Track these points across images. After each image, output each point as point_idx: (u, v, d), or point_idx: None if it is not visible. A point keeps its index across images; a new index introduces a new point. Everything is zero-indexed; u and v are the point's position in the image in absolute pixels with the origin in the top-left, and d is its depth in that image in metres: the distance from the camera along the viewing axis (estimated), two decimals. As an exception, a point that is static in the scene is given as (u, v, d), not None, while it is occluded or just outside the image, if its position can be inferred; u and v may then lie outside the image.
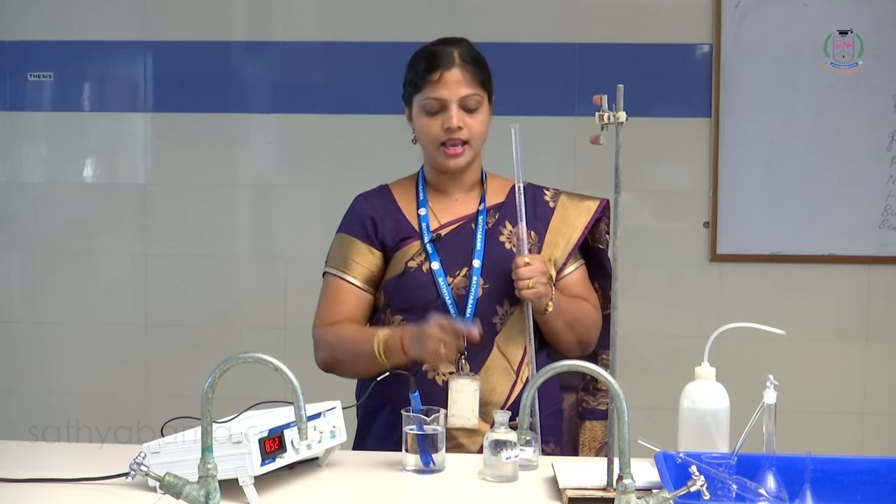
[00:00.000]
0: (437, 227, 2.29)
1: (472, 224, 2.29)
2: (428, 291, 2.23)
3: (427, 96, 2.24)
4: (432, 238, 2.26)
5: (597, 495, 1.78)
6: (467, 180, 2.33)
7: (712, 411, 1.89)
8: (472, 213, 2.31)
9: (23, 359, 3.96)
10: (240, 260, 3.90)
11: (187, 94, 3.86)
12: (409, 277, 2.24)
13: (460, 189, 2.33)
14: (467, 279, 2.23)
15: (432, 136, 2.25)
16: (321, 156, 3.86)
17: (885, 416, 3.72)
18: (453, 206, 2.32)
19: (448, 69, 2.23)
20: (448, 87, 2.22)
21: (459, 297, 2.22)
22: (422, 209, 2.32)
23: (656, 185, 3.76)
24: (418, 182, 2.37)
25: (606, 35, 3.72)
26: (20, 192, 3.96)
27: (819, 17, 3.64)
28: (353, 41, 3.80)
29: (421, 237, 2.27)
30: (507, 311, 2.24)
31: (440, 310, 2.19)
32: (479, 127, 2.25)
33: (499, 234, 2.29)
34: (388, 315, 2.26)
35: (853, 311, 3.72)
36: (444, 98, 2.23)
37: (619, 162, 1.84)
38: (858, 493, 1.76)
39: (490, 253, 2.26)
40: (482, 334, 2.12)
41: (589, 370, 1.56)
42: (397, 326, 2.22)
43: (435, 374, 2.20)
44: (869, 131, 3.65)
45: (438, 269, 2.23)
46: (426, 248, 2.26)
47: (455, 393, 2.17)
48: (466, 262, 2.25)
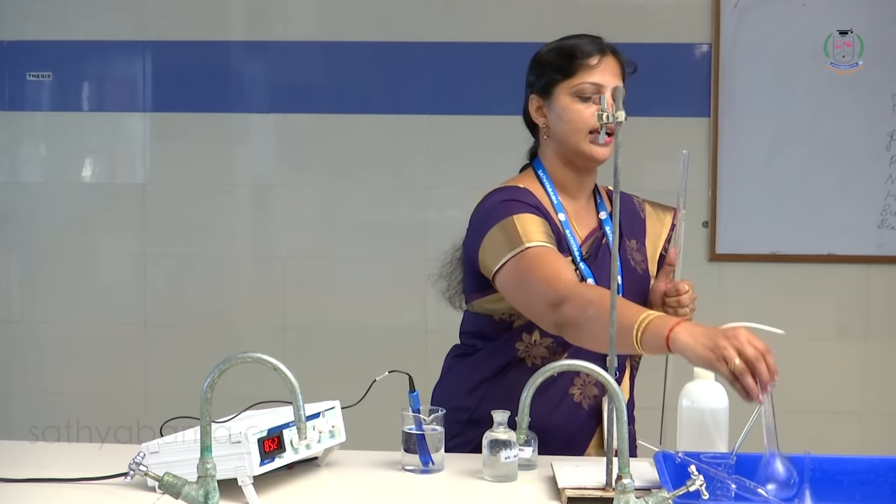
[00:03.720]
0: (582, 242, 2.15)
1: (603, 238, 2.16)
2: None
3: (583, 80, 2.10)
4: (584, 256, 2.12)
5: (596, 495, 1.78)
6: (591, 184, 2.19)
7: (711, 411, 1.89)
8: (596, 223, 2.20)
9: (22, 359, 3.96)
10: (239, 260, 3.90)
11: (186, 93, 3.86)
12: None
13: (584, 193, 2.19)
14: None
15: (584, 122, 2.09)
16: (320, 156, 3.86)
17: (884, 416, 3.72)
18: (582, 214, 2.18)
19: (605, 56, 2.13)
20: (604, 74, 2.10)
21: None
22: (560, 214, 2.15)
23: (655, 184, 3.72)
24: (544, 182, 2.18)
25: (605, 35, 3.64)
26: (19, 191, 3.96)
27: (819, 16, 3.64)
28: (352, 41, 3.80)
29: (570, 250, 2.11)
30: None
31: None
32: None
33: (624, 250, 2.18)
34: (536, 337, 2.12)
35: (852, 311, 3.72)
36: (602, 83, 2.10)
37: (618, 161, 1.84)
38: (857, 493, 1.76)
39: (624, 272, 2.16)
40: None
41: (589, 370, 1.56)
42: (545, 348, 2.10)
43: (582, 397, 2.11)
44: (868, 131, 3.65)
45: None
46: (579, 267, 2.11)
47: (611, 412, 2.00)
48: None
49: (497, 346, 2.18)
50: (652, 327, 1.77)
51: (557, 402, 2.12)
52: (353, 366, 2.74)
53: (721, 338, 1.69)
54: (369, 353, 3.65)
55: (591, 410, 2.12)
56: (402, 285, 3.77)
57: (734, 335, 1.69)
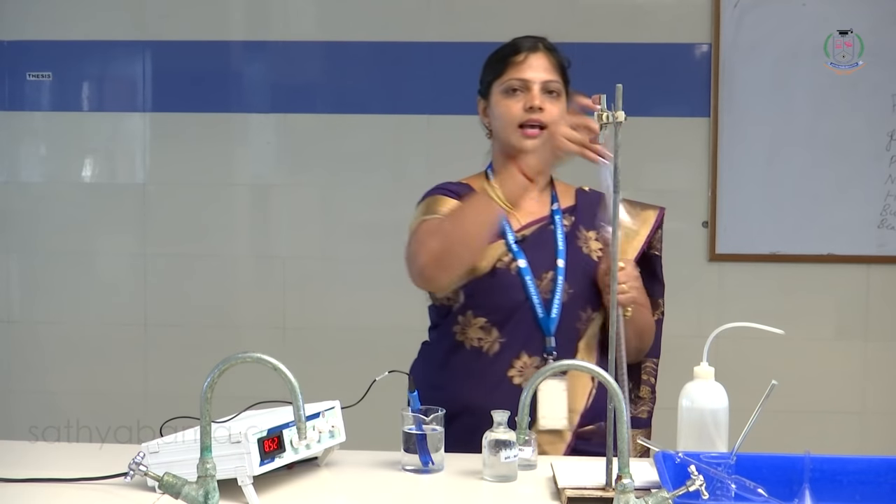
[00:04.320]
0: (520, 227, 2.23)
1: (550, 225, 2.25)
2: (516, 293, 2.18)
3: (510, 77, 2.22)
4: (518, 238, 2.21)
5: (596, 495, 1.78)
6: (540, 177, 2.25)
7: (711, 411, 1.89)
8: (547, 213, 2.27)
9: (22, 359, 3.96)
10: (239, 260, 3.90)
11: (186, 93, 3.86)
12: (497, 278, 2.18)
13: (534, 187, 2.24)
14: (552, 282, 2.19)
15: (511, 116, 2.20)
16: (320, 156, 3.86)
17: (883, 416, 3.72)
18: (529, 204, 2.24)
19: (533, 52, 2.23)
20: (532, 69, 2.21)
21: (545, 300, 2.18)
22: None
23: (655, 184, 3.75)
24: (490, 178, 2.27)
25: (605, 35, 3.72)
26: (19, 191, 3.96)
27: (819, 17, 3.64)
28: (352, 41, 3.80)
29: (504, 236, 2.20)
30: (589, 315, 2.22)
31: (528, 312, 2.17)
32: (559, 114, 2.18)
33: (576, 238, 2.26)
34: (469, 317, 2.21)
35: (852, 311, 3.72)
36: (527, 79, 2.21)
37: (617, 161, 1.84)
38: (857, 493, 1.76)
39: (571, 256, 2.22)
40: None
41: (588, 370, 1.56)
42: (479, 328, 2.19)
43: (523, 379, 2.16)
44: (868, 131, 3.65)
45: (525, 268, 2.19)
46: (511, 248, 2.20)
47: (544, 394, 2.14)
48: (551, 263, 2.20)
49: (440, 332, 2.28)
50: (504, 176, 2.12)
51: (496, 384, 2.16)
52: (353, 366, 2.74)
53: (550, 139, 2.05)
54: (369, 353, 3.64)
55: None
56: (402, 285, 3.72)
57: (553, 130, 2.05)
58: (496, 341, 2.19)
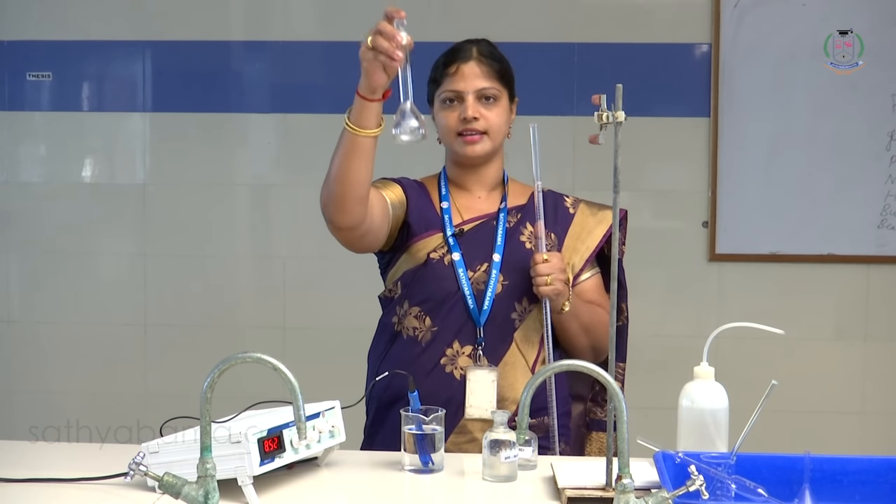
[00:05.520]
0: (460, 223, 2.31)
1: (494, 222, 2.32)
2: (448, 283, 2.25)
3: (445, 89, 2.29)
4: (455, 232, 2.29)
5: (596, 495, 1.78)
6: (489, 178, 2.35)
7: (711, 411, 1.89)
8: (493, 211, 2.33)
9: (22, 359, 3.96)
10: (239, 260, 3.91)
11: (186, 93, 3.86)
12: (430, 268, 2.27)
13: (482, 187, 2.35)
14: (486, 274, 2.25)
15: (450, 127, 2.28)
16: (320, 156, 3.81)
17: (883, 416, 3.72)
18: (476, 203, 2.34)
19: (465, 62, 2.28)
20: (465, 80, 2.27)
21: (478, 291, 2.25)
22: (444, 202, 2.34)
23: (655, 184, 3.76)
24: (440, 178, 2.39)
25: (605, 35, 3.73)
26: (19, 191, 3.96)
27: (818, 16, 3.64)
28: (352, 41, 3.77)
29: (443, 230, 2.29)
30: (525, 308, 2.26)
31: (459, 302, 2.23)
32: (497, 119, 2.27)
33: (519, 233, 2.31)
34: (406, 307, 2.28)
35: (852, 311, 3.72)
36: (460, 90, 2.27)
37: (617, 161, 1.84)
38: (857, 493, 1.76)
39: (510, 250, 2.28)
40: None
41: (588, 370, 1.56)
42: (414, 318, 2.26)
43: (454, 367, 2.22)
44: (868, 131, 3.65)
45: (459, 260, 2.26)
46: (448, 241, 2.28)
47: (473, 384, 2.20)
48: (487, 257, 2.27)
49: (383, 323, 2.36)
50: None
51: (428, 372, 2.22)
52: (353, 366, 2.74)
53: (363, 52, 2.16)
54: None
55: (463, 380, 2.22)
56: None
57: None
58: (429, 330, 2.25)
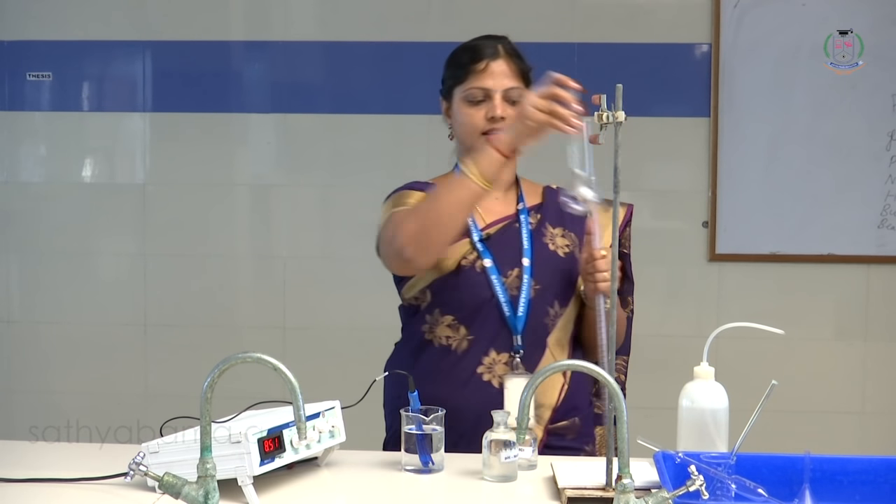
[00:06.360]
0: (485, 226, 2.25)
1: (516, 224, 2.26)
2: (482, 290, 2.19)
3: (471, 86, 2.21)
4: (483, 237, 2.23)
5: (596, 495, 1.78)
6: (505, 178, 2.28)
7: (711, 411, 1.89)
8: (513, 213, 2.28)
9: (22, 359, 3.96)
10: (239, 260, 3.90)
11: (186, 93, 3.86)
12: (462, 276, 2.20)
13: (499, 187, 2.27)
14: (519, 279, 2.21)
15: (474, 125, 2.21)
16: (320, 156, 3.86)
17: (883, 416, 3.72)
18: (494, 204, 2.27)
19: (494, 59, 2.22)
20: (493, 78, 2.21)
21: (512, 297, 2.20)
22: None
23: (655, 184, 3.76)
24: None
25: (605, 35, 3.72)
26: (19, 191, 3.96)
27: (818, 16, 3.64)
28: (352, 41, 3.80)
29: (469, 235, 2.22)
30: (557, 312, 2.23)
31: (494, 309, 2.18)
32: None
33: (542, 235, 2.27)
34: (437, 315, 2.22)
35: (852, 311, 3.72)
36: (488, 88, 2.20)
37: (618, 161, 1.84)
38: (857, 493, 1.76)
39: (537, 253, 2.24)
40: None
41: (588, 370, 1.56)
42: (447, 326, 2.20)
43: (492, 376, 2.18)
44: (868, 131, 3.65)
45: (491, 266, 2.20)
46: (476, 247, 2.21)
47: (511, 392, 2.12)
48: (516, 261, 2.22)
49: (410, 331, 2.29)
50: (478, 154, 2.06)
51: (465, 381, 2.17)
52: (353, 366, 2.74)
53: (519, 116, 2.02)
54: (369, 353, 3.63)
55: (501, 388, 2.16)
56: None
57: (522, 103, 2.01)
58: (464, 339, 2.20)
